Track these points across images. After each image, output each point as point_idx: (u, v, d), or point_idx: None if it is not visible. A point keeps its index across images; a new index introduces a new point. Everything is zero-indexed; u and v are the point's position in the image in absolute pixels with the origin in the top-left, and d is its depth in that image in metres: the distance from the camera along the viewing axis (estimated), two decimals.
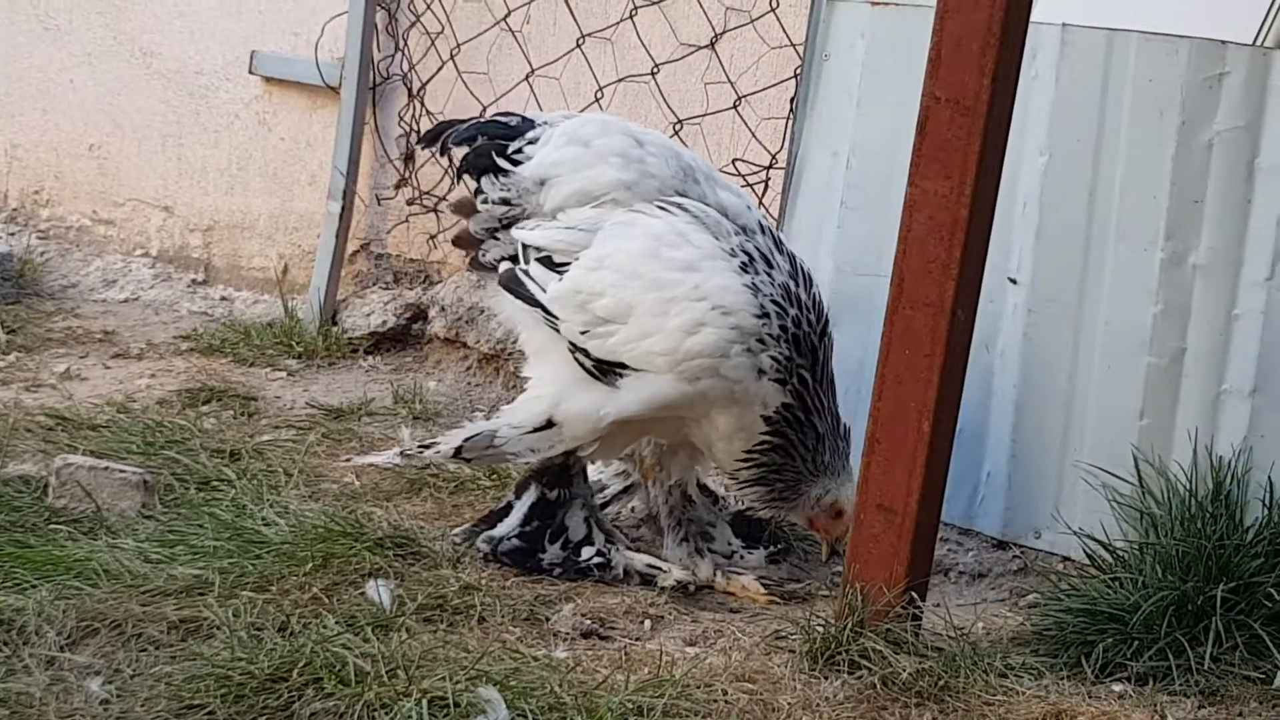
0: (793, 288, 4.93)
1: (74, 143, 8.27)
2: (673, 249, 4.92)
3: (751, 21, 6.43)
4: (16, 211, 8.43)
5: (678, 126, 6.56)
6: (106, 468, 5.28)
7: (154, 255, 8.10)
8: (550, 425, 5.06)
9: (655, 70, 6.67)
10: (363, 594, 4.66)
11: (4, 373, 6.63)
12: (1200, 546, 4.66)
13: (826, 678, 4.35)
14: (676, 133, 6.49)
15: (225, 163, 7.92)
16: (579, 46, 6.87)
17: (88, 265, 8.10)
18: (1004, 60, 4.36)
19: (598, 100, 6.77)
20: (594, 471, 5.43)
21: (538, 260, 5.07)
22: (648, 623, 4.79)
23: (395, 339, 7.30)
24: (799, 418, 4.90)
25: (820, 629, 4.47)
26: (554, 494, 5.15)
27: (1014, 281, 5.35)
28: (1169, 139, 5.09)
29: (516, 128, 5.24)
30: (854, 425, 5.13)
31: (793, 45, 6.26)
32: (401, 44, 7.38)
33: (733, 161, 6.41)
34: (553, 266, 5.03)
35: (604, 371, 4.97)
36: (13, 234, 8.26)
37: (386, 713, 3.94)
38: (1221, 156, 5.02)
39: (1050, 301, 5.31)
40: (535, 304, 5.05)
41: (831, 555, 5.08)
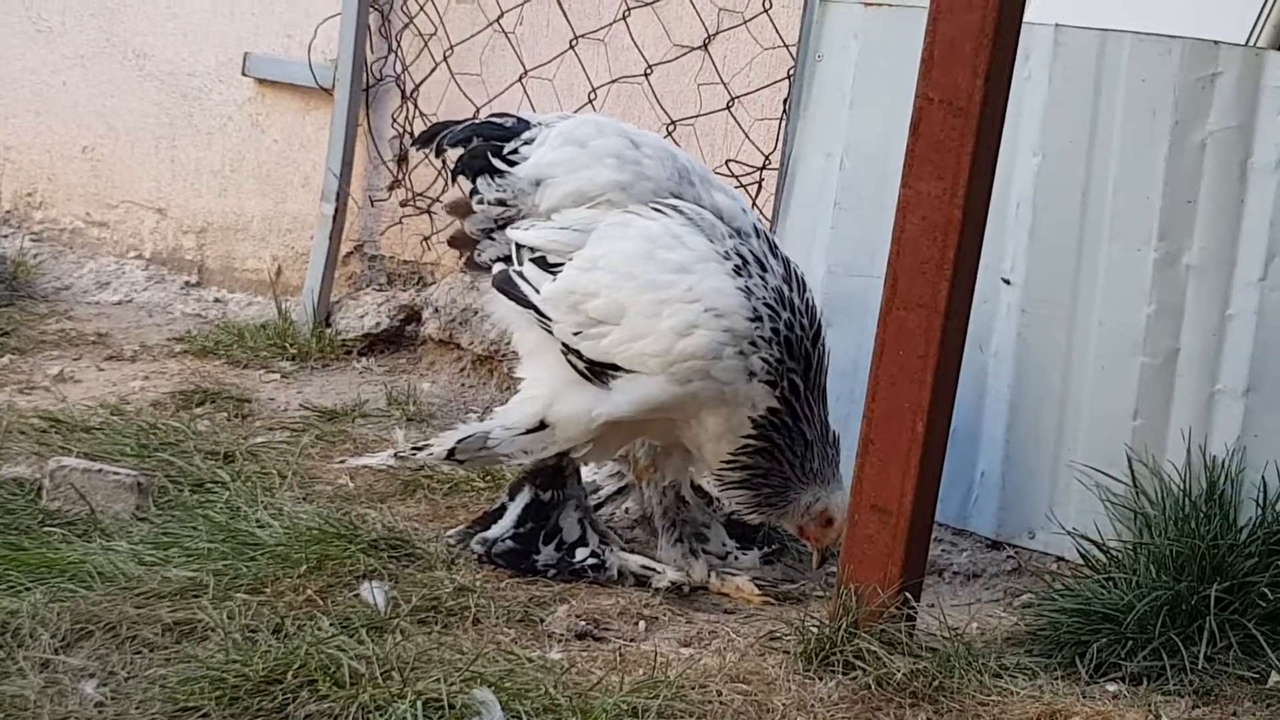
0: (786, 292, 4.93)
1: (67, 145, 8.26)
2: (667, 251, 4.92)
3: (744, 22, 6.43)
4: (10, 214, 8.43)
5: (671, 127, 6.56)
6: (100, 470, 5.27)
7: (147, 257, 8.10)
8: (543, 427, 5.07)
9: (648, 71, 6.67)
10: (357, 596, 4.66)
11: None
12: (1194, 546, 4.66)
13: (821, 678, 4.35)
14: (670, 134, 6.50)
15: (218, 164, 7.92)
16: (572, 48, 6.87)
17: (81, 267, 8.10)
18: (997, 61, 4.36)
19: (591, 101, 6.77)
20: (588, 473, 5.43)
21: (532, 261, 5.07)
22: (642, 624, 4.79)
23: (389, 340, 7.30)
24: (786, 423, 4.90)
25: (815, 630, 4.47)
26: (548, 495, 5.15)
27: (1007, 282, 5.36)
28: (1162, 139, 5.09)
29: (512, 129, 5.24)
30: (848, 426, 5.13)
31: (786, 46, 6.26)
32: (394, 45, 7.38)
33: (726, 162, 6.41)
34: (547, 267, 5.04)
35: (596, 373, 4.97)
36: (6, 236, 8.27)
37: (381, 715, 3.94)
38: (1214, 156, 5.02)
39: (1044, 302, 5.31)
40: (528, 305, 5.05)
41: (822, 563, 5.08)
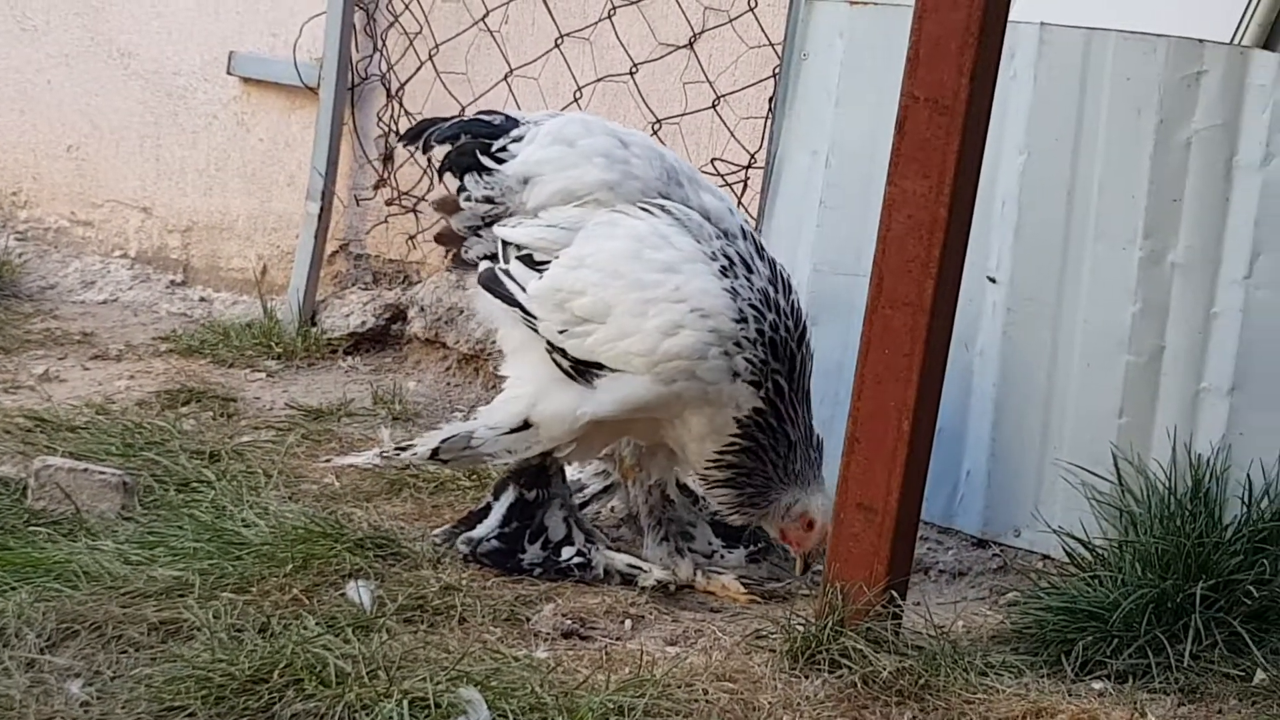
0: (772, 293, 4.93)
1: (52, 144, 8.25)
2: (654, 250, 4.92)
3: (730, 21, 6.44)
4: None
5: (656, 126, 6.56)
6: (86, 469, 5.27)
7: (132, 256, 8.09)
8: (527, 426, 5.07)
9: (634, 70, 6.67)
10: (343, 595, 4.66)
11: None
12: (1179, 544, 4.67)
13: (807, 677, 4.35)
14: (655, 132, 6.50)
15: (203, 163, 7.90)
16: (557, 46, 6.87)
17: (66, 266, 8.08)
18: (982, 59, 4.36)
19: (576, 100, 6.77)
20: (573, 471, 5.43)
21: (518, 259, 5.07)
22: (628, 622, 4.79)
23: (374, 339, 7.29)
24: (771, 423, 4.90)
25: (801, 628, 4.47)
26: (532, 494, 5.15)
27: (993, 280, 5.36)
28: (1147, 138, 5.10)
29: (500, 126, 5.24)
30: (833, 425, 5.13)
31: (771, 45, 6.27)
32: (380, 44, 7.38)
33: (712, 161, 6.42)
34: (533, 265, 5.04)
35: (580, 372, 4.97)
36: None
37: (367, 714, 3.93)
38: (1199, 155, 5.03)
39: (1029, 300, 5.32)
40: (514, 303, 5.05)
41: (805, 569, 5.06)
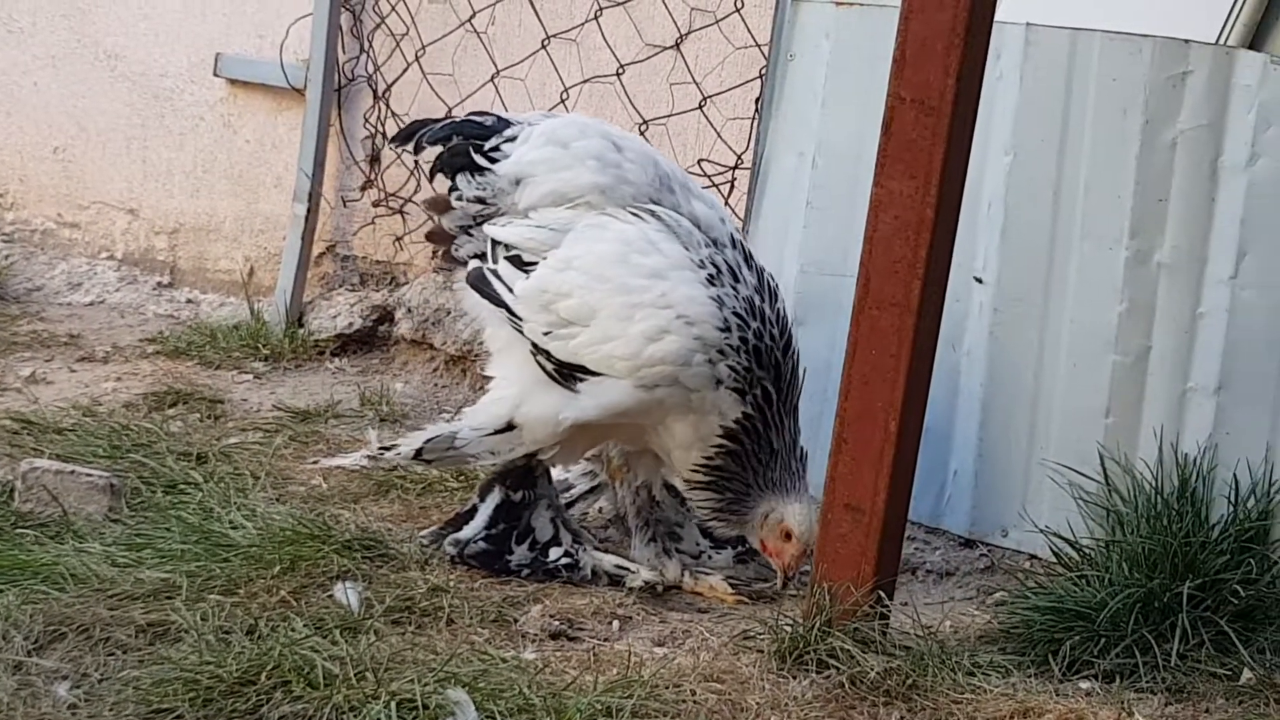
0: (757, 302, 4.93)
1: (38, 145, 8.24)
2: (642, 255, 4.92)
3: (716, 22, 6.44)
4: None
5: (643, 127, 6.56)
6: (73, 471, 5.26)
7: (119, 258, 8.08)
8: (510, 428, 5.07)
9: (620, 71, 6.67)
10: (331, 596, 4.65)
11: None
12: (1166, 544, 4.67)
13: (795, 677, 4.36)
14: (642, 133, 6.49)
15: (190, 165, 7.90)
16: (544, 47, 6.87)
17: (53, 268, 8.07)
18: (968, 60, 4.37)
19: (563, 101, 6.77)
20: (559, 471, 5.43)
21: (506, 259, 5.07)
22: (616, 623, 4.79)
23: (362, 341, 7.29)
24: (757, 429, 4.89)
25: (788, 628, 4.47)
26: (518, 495, 5.14)
27: (980, 281, 5.37)
28: (1133, 138, 5.10)
29: (491, 127, 5.24)
30: (821, 425, 5.14)
31: (758, 45, 6.27)
32: (366, 46, 7.38)
33: (698, 162, 6.42)
34: (521, 266, 5.04)
35: (564, 375, 4.97)
36: None
37: (355, 715, 3.93)
38: (1185, 155, 5.04)
39: (1016, 300, 5.32)
40: (500, 304, 5.05)
41: (786, 583, 5.03)
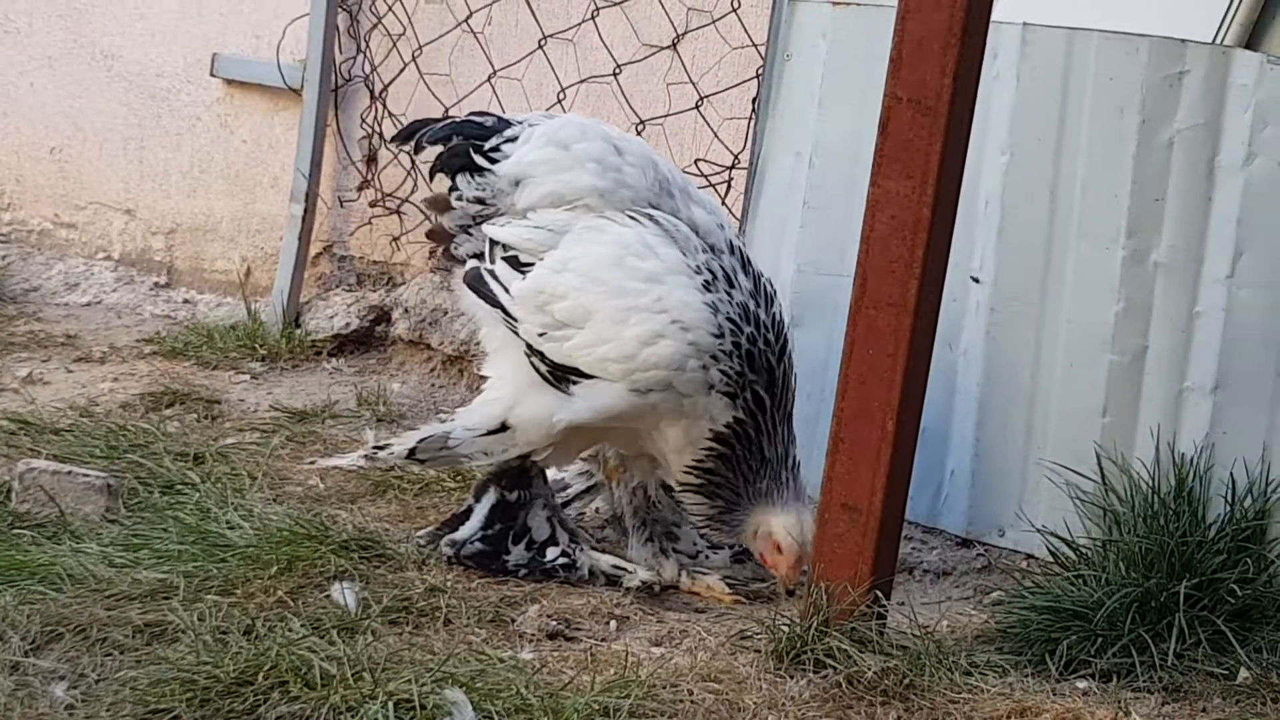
0: (752, 307, 4.93)
1: (35, 146, 8.23)
2: (638, 259, 4.93)
3: (713, 22, 6.44)
4: None
5: (640, 127, 6.56)
6: (70, 472, 5.26)
7: (116, 258, 8.08)
8: (504, 429, 5.07)
9: (617, 71, 6.67)
10: (328, 597, 4.65)
11: None
12: (1163, 543, 4.67)
13: (792, 677, 4.36)
14: (639, 133, 6.49)
15: (187, 165, 7.90)
16: (541, 47, 6.87)
17: (50, 269, 8.07)
18: (965, 60, 4.37)
19: (560, 101, 6.77)
20: (555, 470, 5.42)
21: (504, 260, 5.07)
22: (613, 623, 4.79)
23: (359, 341, 7.29)
24: (749, 434, 4.89)
25: (785, 628, 4.47)
26: (513, 495, 5.14)
27: (976, 280, 5.37)
28: (1130, 137, 5.10)
29: (491, 128, 5.23)
30: (817, 424, 5.14)
31: (754, 45, 6.27)
32: (363, 46, 7.38)
33: (695, 162, 6.42)
34: (517, 266, 5.04)
35: (558, 378, 4.97)
36: None
37: (353, 716, 3.93)
38: (1182, 155, 5.04)
39: (1013, 300, 5.32)
40: (496, 304, 5.05)
41: (790, 594, 4.99)
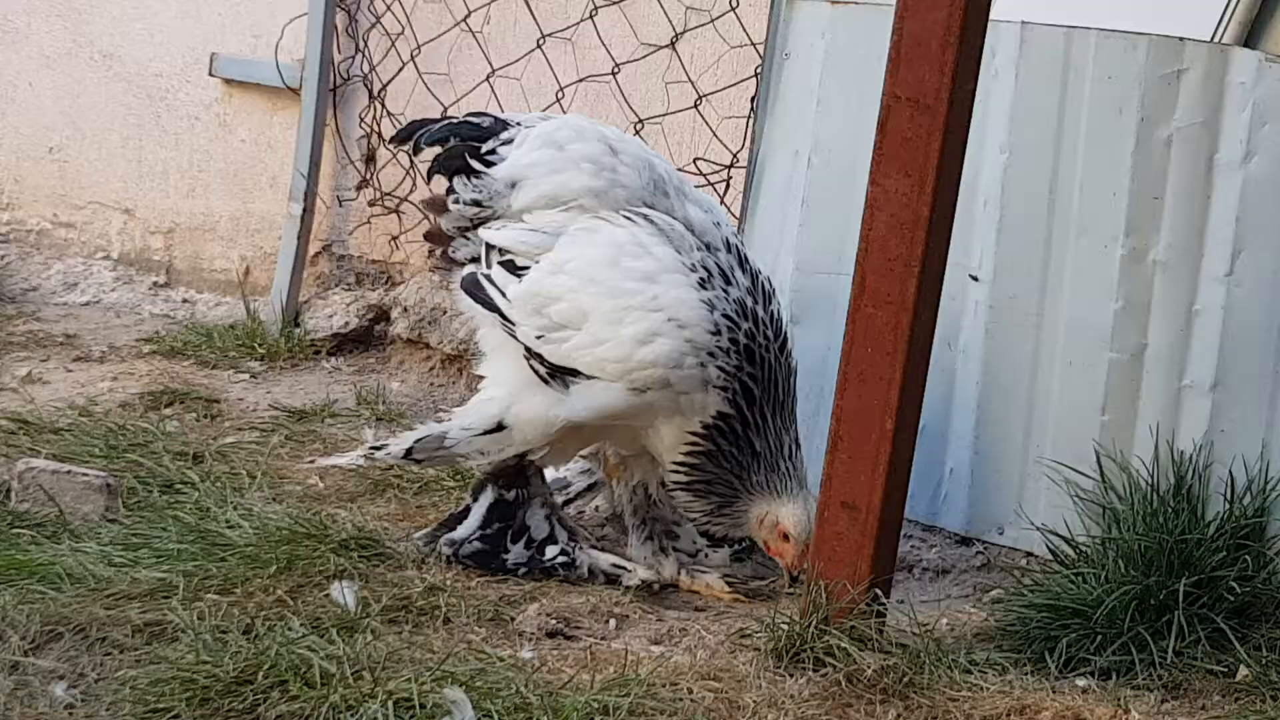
0: (749, 303, 4.94)
1: (34, 145, 8.23)
2: (633, 259, 4.93)
3: (712, 21, 6.44)
4: None
5: (639, 126, 6.56)
6: (69, 471, 5.26)
7: (115, 258, 8.08)
8: (501, 428, 5.07)
9: (616, 70, 6.67)
10: (327, 596, 4.65)
11: None
12: (1162, 541, 4.67)
13: (791, 675, 4.36)
14: (638, 132, 6.49)
15: (186, 165, 7.90)
16: (539, 47, 6.87)
17: (48, 268, 8.07)
18: (963, 59, 4.37)
19: (559, 100, 6.77)
20: (554, 470, 5.42)
21: (500, 264, 5.07)
22: (613, 622, 4.79)
23: (358, 340, 7.29)
24: (735, 429, 4.90)
25: (785, 626, 4.47)
26: (511, 494, 5.14)
27: (975, 279, 5.37)
28: (1128, 136, 5.10)
29: (489, 129, 5.23)
30: (817, 422, 5.14)
31: (753, 44, 6.27)
32: (362, 45, 7.38)
33: (694, 161, 6.42)
34: (514, 270, 5.04)
35: (556, 378, 4.97)
36: None
37: (352, 715, 3.93)
38: (1180, 153, 5.04)
39: (1012, 298, 5.32)
40: (494, 308, 5.06)
41: (793, 581, 5.02)
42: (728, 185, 6.36)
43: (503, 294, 5.03)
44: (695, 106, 6.49)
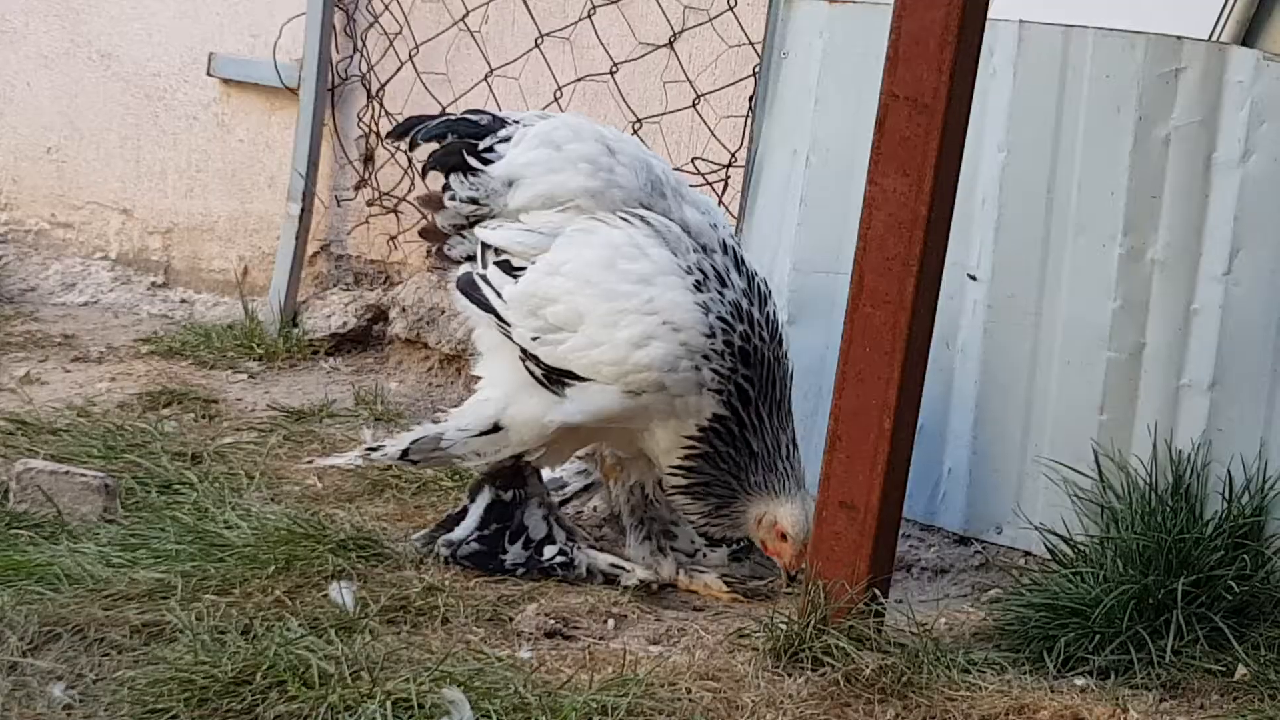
0: (745, 305, 4.94)
1: (32, 146, 8.23)
2: (629, 261, 4.93)
3: (710, 20, 6.44)
4: None
5: (637, 125, 6.56)
6: (67, 472, 5.26)
7: (113, 258, 8.08)
8: (497, 429, 5.07)
9: (614, 69, 6.67)
10: (326, 596, 4.65)
11: None
12: (1160, 540, 4.67)
13: (790, 675, 4.36)
14: (636, 131, 6.49)
15: (184, 165, 7.90)
16: (537, 46, 6.87)
17: (47, 269, 8.07)
18: (961, 57, 4.37)
19: (556, 100, 6.77)
20: (550, 470, 5.42)
21: (496, 264, 5.07)
22: (611, 622, 4.79)
23: (356, 340, 7.29)
24: (732, 430, 4.90)
25: (783, 626, 4.47)
26: (509, 495, 5.13)
27: (974, 278, 5.37)
28: (1126, 134, 5.10)
29: (486, 126, 5.23)
30: (815, 422, 5.14)
31: (751, 44, 6.27)
32: (360, 45, 7.37)
33: (692, 160, 6.42)
34: (510, 271, 5.03)
35: (552, 380, 4.97)
36: None
37: (350, 715, 3.93)
38: (1179, 152, 5.04)
39: (1010, 298, 5.32)
40: (489, 309, 5.05)
41: (791, 581, 5.02)
42: (726, 184, 6.36)
43: (498, 294, 5.03)
44: (693, 106, 6.49)
